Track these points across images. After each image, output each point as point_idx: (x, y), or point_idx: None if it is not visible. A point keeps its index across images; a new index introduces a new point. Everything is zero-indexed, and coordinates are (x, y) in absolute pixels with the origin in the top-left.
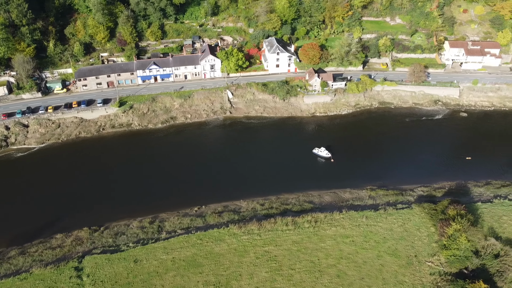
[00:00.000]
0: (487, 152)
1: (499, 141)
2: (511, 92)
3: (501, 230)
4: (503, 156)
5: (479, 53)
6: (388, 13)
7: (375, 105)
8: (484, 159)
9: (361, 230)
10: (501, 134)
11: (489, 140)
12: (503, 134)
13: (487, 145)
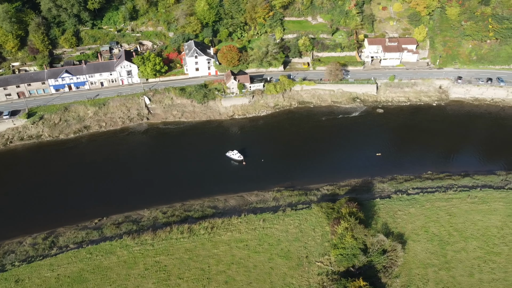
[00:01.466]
0: (397, 147)
1: (410, 136)
2: (427, 86)
3: (394, 226)
4: (412, 150)
5: (396, 50)
6: (309, 12)
7: (294, 105)
8: (393, 154)
9: (257, 233)
10: (412, 128)
11: (401, 135)
12: (414, 129)
13: (398, 140)
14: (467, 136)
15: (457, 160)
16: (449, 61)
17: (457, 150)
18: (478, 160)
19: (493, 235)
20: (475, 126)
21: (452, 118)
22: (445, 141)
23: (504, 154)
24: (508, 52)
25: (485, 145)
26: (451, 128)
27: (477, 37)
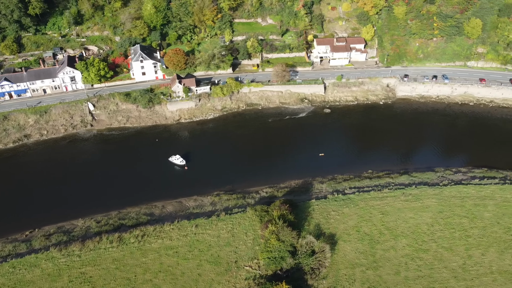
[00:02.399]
0: (341, 147)
1: (355, 135)
2: (374, 85)
3: (327, 226)
4: (355, 149)
5: (344, 49)
6: (259, 14)
7: (242, 107)
8: (337, 154)
9: (188, 239)
10: (358, 128)
11: (346, 135)
12: (360, 128)
13: (342, 140)
14: (412, 134)
15: (399, 158)
16: (397, 60)
17: (401, 148)
18: (419, 157)
19: (423, 232)
20: (421, 124)
21: (399, 116)
22: (389, 139)
23: (447, 150)
24: (454, 49)
25: (428, 142)
26: (397, 126)
27: (423, 35)
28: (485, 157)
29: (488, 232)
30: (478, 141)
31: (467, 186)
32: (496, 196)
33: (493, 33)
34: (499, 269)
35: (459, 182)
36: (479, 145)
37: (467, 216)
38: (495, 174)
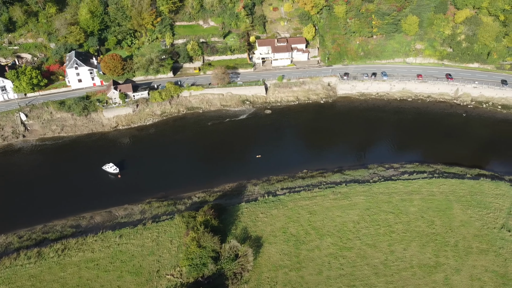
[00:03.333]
0: (279, 148)
1: (294, 135)
2: (315, 85)
3: (254, 229)
4: (293, 149)
5: (286, 50)
6: (200, 16)
7: (183, 111)
8: (274, 155)
9: (111, 251)
10: (297, 127)
11: (285, 135)
12: (299, 128)
13: (280, 140)
14: (351, 131)
15: (335, 157)
16: (338, 58)
17: (338, 147)
18: (355, 154)
19: (348, 230)
20: (360, 121)
21: (339, 114)
22: (328, 138)
23: (383, 146)
24: (393, 47)
25: (366, 139)
26: (336, 125)
27: (363, 34)
28: (420, 151)
29: (412, 227)
30: (414, 136)
31: (396, 181)
32: (422, 190)
33: (430, 30)
34: (419, 263)
35: (389, 178)
36: (415, 140)
37: (393, 212)
38: (425, 168)
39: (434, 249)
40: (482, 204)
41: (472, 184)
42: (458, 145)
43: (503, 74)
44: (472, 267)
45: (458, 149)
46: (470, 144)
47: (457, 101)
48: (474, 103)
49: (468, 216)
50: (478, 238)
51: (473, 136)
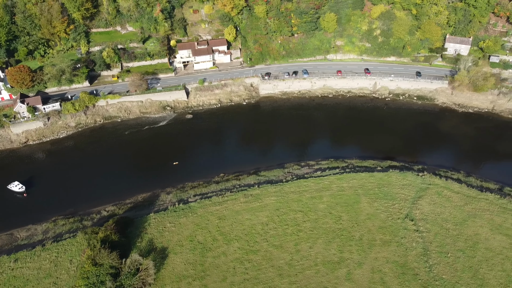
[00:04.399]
0: (197, 153)
1: (213, 139)
2: (237, 86)
3: (160, 240)
4: (211, 154)
5: (207, 52)
6: (118, 22)
7: (100, 121)
8: (191, 161)
9: (4, 277)
10: (217, 131)
11: (205, 140)
12: (219, 131)
13: (200, 145)
14: (273, 131)
15: (254, 158)
16: (261, 59)
17: (258, 148)
18: (274, 154)
19: (256, 232)
20: (283, 120)
21: (261, 115)
22: (248, 140)
23: (302, 144)
24: (314, 44)
25: (287, 138)
26: (258, 125)
27: (284, 33)
28: (337, 147)
29: (319, 224)
30: (334, 132)
31: (308, 179)
32: (333, 186)
33: (348, 26)
34: (323, 260)
35: (302, 176)
36: (335, 136)
37: (302, 210)
38: (339, 164)
39: (339, 244)
40: (388, 195)
41: (381, 177)
42: (376, 138)
43: (418, 66)
44: (374, 260)
45: (374, 142)
46: (387, 136)
47: (376, 95)
48: (392, 96)
49: (374, 208)
50: (382, 230)
51: (390, 128)
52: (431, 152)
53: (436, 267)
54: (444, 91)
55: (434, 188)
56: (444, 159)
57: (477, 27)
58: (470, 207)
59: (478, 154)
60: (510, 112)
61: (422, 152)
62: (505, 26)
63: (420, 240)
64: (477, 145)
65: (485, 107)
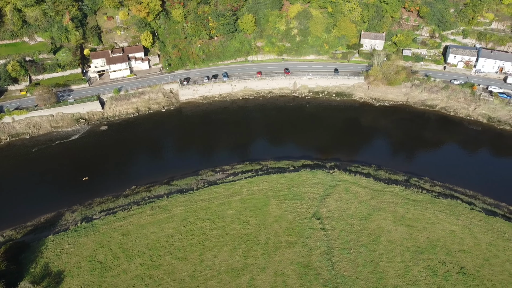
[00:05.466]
0: (109, 166)
1: (126, 150)
2: (155, 93)
3: (57, 264)
4: (122, 166)
5: (122, 60)
6: (25, 32)
7: (5, 139)
8: (102, 174)
9: None
10: (132, 141)
11: (117, 151)
12: (133, 141)
13: (112, 157)
14: (191, 138)
15: (169, 167)
16: (180, 63)
17: (174, 155)
18: (190, 161)
19: (161, 246)
20: (203, 125)
21: (181, 121)
22: (164, 148)
23: (221, 149)
24: (235, 46)
25: (205, 143)
26: (176, 132)
27: (202, 36)
28: (255, 149)
29: (226, 231)
30: (254, 134)
31: (219, 185)
32: (243, 190)
33: (267, 26)
34: (227, 268)
35: (214, 182)
36: (254, 138)
37: (210, 218)
38: (253, 166)
39: (244, 250)
40: (298, 196)
41: (292, 177)
42: (295, 137)
43: (336, 63)
44: (278, 263)
45: (292, 141)
46: (305, 135)
47: (296, 94)
48: (312, 94)
49: (283, 210)
50: (289, 231)
51: (309, 127)
52: (347, 148)
53: (338, 265)
54: (361, 86)
55: (343, 184)
56: (359, 154)
57: (390, 22)
58: (376, 201)
59: (390, 146)
60: (423, 103)
61: (338, 149)
62: (416, 20)
63: (325, 238)
64: (390, 137)
65: (399, 100)
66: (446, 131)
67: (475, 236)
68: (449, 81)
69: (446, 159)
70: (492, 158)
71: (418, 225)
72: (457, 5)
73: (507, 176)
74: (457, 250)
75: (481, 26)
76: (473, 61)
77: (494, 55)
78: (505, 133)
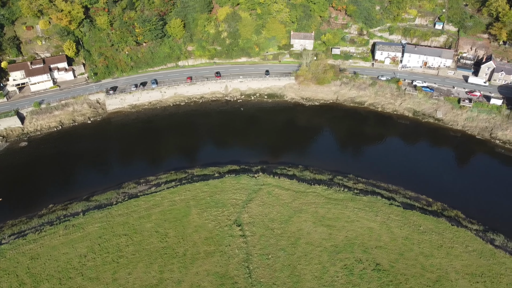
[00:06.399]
0: (24, 185)
1: (46, 166)
2: (80, 104)
3: None
4: (41, 184)
5: (43, 71)
6: None
7: None
8: (17, 194)
9: None
10: (54, 156)
11: (35, 168)
12: (57, 156)
13: (30, 176)
14: (116, 149)
15: (90, 181)
16: (107, 72)
17: (97, 169)
18: (113, 175)
19: (72, 267)
20: (131, 136)
21: (109, 132)
22: (87, 161)
23: (145, 159)
24: (165, 52)
25: (131, 154)
26: (101, 145)
27: (129, 43)
28: (183, 157)
29: (143, 246)
30: (183, 141)
31: (139, 198)
32: (164, 201)
33: (197, 30)
34: (141, 285)
35: (135, 195)
36: (183, 146)
37: (127, 234)
38: (178, 175)
39: (160, 265)
40: (220, 203)
41: (215, 184)
42: (225, 142)
43: (268, 65)
44: (195, 275)
45: (223, 146)
46: (236, 139)
47: (228, 98)
48: (244, 97)
49: (203, 219)
50: (208, 241)
51: (242, 130)
52: (276, 150)
53: (255, 272)
54: (292, 87)
55: (266, 188)
56: (287, 155)
57: (318, 22)
58: (298, 203)
59: (319, 145)
60: (352, 100)
61: (267, 151)
62: (345, 19)
63: (244, 245)
64: (319, 136)
65: (330, 99)
66: (374, 127)
67: (392, 231)
68: (376, 78)
69: (372, 154)
70: (416, 151)
71: (337, 225)
72: (382, 2)
73: (429, 168)
74: (373, 247)
75: (406, 22)
76: (399, 57)
77: (418, 50)
78: (429, 126)
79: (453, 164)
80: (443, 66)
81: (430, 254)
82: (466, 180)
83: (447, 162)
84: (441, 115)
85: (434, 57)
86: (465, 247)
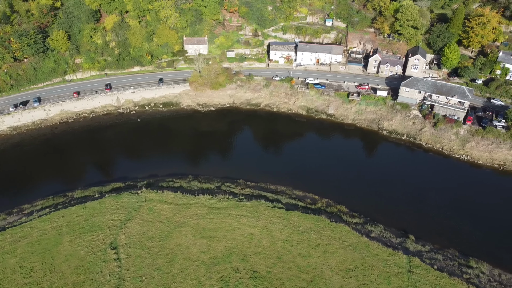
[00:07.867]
0: None
1: None
2: None
3: None
4: None
5: None
6: None
7: None
8: None
9: None
10: None
11: None
12: None
13: None
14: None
15: None
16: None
17: None
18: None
19: None
20: (9, 161)
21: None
22: None
23: (24, 186)
24: (50, 66)
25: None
26: None
27: (7, 60)
28: (63, 180)
29: (3, 285)
30: (64, 162)
31: (5, 231)
32: (34, 232)
33: (84, 41)
34: None
35: (2, 228)
36: (63, 167)
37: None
38: (56, 200)
39: None
40: (96, 226)
41: (93, 206)
42: (114, 158)
43: (163, 73)
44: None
45: (111, 163)
46: (127, 154)
47: (121, 110)
48: (138, 108)
49: (76, 246)
50: (77, 270)
51: (135, 143)
52: (168, 161)
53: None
54: (187, 93)
55: (148, 204)
56: (179, 166)
57: (211, 25)
58: (179, 216)
59: (211, 152)
60: (248, 103)
61: (158, 164)
62: (239, 21)
63: (117, 269)
64: (212, 143)
65: (226, 103)
66: (270, 128)
67: (272, 235)
68: (271, 78)
69: (264, 156)
70: (307, 149)
71: (218, 235)
72: (274, 2)
73: (318, 165)
74: (252, 254)
75: (298, 21)
76: (293, 56)
77: (310, 48)
78: (323, 122)
79: (341, 159)
80: (335, 62)
81: (308, 254)
82: (352, 174)
83: (336, 157)
84: (333, 111)
85: (325, 53)
86: (341, 242)
